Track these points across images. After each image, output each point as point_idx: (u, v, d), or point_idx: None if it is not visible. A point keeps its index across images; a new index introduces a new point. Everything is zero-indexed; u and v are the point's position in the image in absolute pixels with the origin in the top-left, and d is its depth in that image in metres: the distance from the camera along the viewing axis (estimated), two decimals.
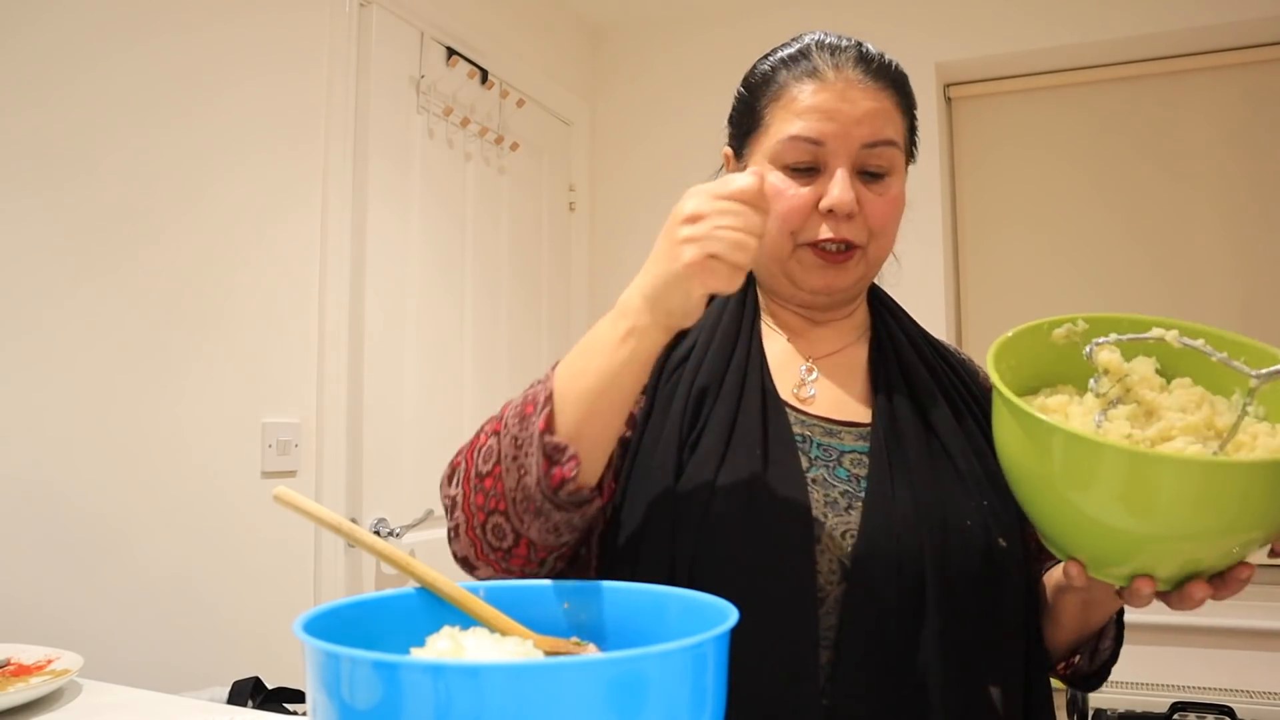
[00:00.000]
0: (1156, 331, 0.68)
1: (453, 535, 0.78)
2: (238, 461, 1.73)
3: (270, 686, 1.52)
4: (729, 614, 0.54)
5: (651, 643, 0.45)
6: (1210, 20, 2.43)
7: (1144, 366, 0.69)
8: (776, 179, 0.85)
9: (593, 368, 0.72)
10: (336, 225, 1.97)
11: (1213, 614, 2.34)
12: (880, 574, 0.77)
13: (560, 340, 2.84)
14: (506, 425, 0.75)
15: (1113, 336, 0.69)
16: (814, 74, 0.85)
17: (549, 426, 0.71)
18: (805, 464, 0.82)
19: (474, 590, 0.60)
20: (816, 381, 0.90)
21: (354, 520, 1.99)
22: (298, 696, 1.52)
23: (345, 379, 1.98)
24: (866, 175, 0.85)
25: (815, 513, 0.80)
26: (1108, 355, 0.68)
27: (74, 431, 1.45)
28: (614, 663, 0.43)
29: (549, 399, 0.72)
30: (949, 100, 2.76)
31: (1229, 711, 2.05)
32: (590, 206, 3.02)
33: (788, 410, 0.86)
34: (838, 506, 0.80)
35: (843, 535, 0.79)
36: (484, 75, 2.43)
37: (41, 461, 1.40)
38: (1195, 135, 2.53)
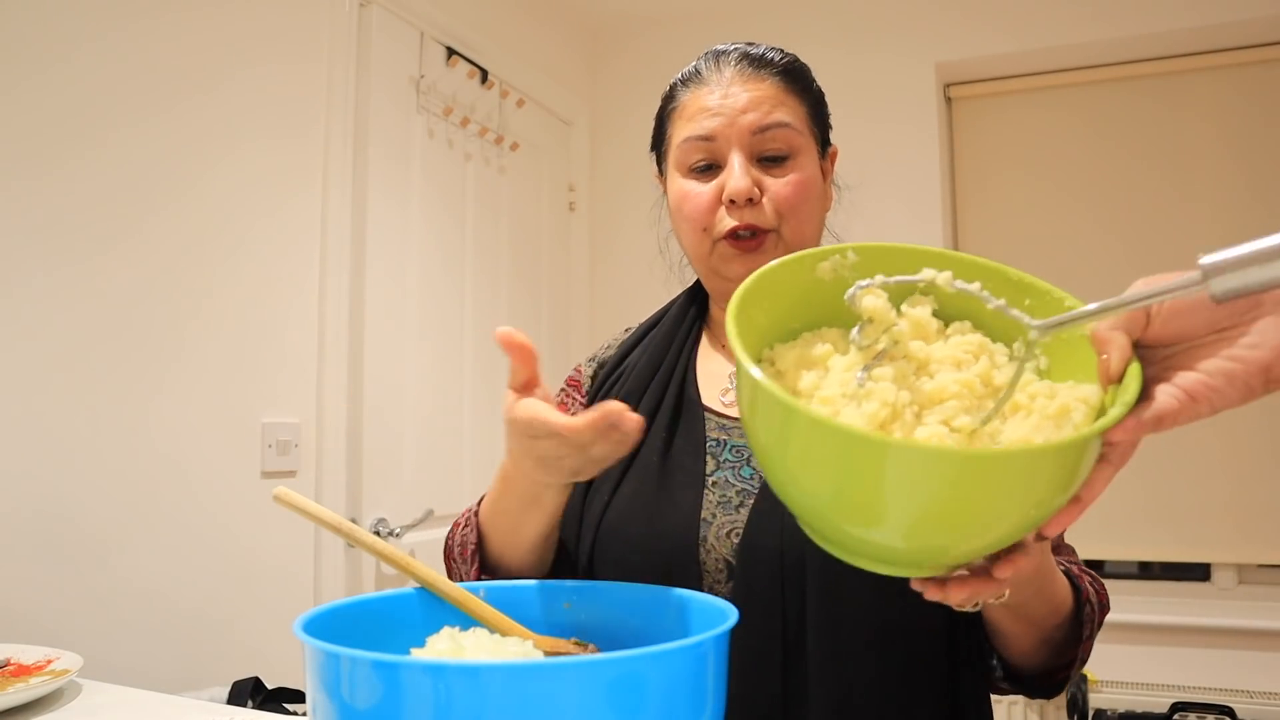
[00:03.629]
0: (927, 273, 0.56)
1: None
2: (237, 461, 1.73)
3: (270, 686, 1.52)
4: (729, 614, 0.54)
5: (652, 643, 0.45)
6: (1209, 20, 2.43)
7: (917, 311, 0.58)
8: (684, 183, 0.90)
9: (504, 519, 0.79)
10: (336, 224, 1.97)
11: (1213, 614, 2.35)
12: (762, 569, 0.77)
13: (560, 339, 2.84)
14: (454, 556, 0.85)
15: (879, 279, 0.57)
16: (699, 80, 0.90)
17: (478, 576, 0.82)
18: (711, 466, 0.85)
19: (474, 590, 0.60)
20: None
21: (354, 520, 1.99)
22: (298, 696, 1.52)
23: (345, 379, 1.98)
24: (766, 161, 0.87)
25: (704, 514, 0.81)
26: (872, 301, 0.56)
27: (73, 431, 1.45)
28: (614, 663, 0.43)
29: (475, 554, 0.82)
30: (949, 100, 2.76)
31: (1229, 711, 2.05)
32: (590, 206, 3.02)
33: (709, 415, 0.89)
34: (729, 505, 0.82)
35: (729, 534, 0.80)
36: (484, 75, 2.43)
37: (41, 462, 1.40)
38: (1194, 135, 2.53)
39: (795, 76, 0.91)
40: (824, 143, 0.94)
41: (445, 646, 0.51)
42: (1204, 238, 2.49)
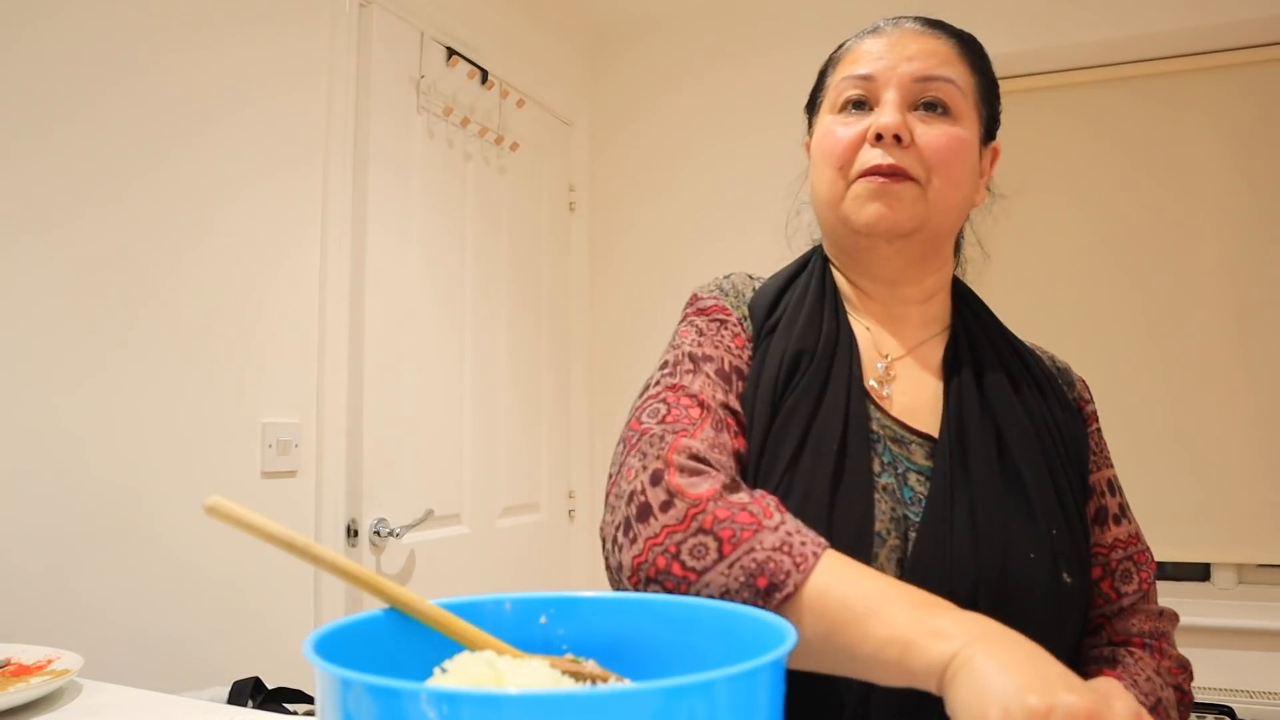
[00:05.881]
0: None
1: (630, 538, 0.70)
2: (237, 461, 1.73)
3: (270, 686, 1.52)
4: (744, 620, 0.51)
5: (641, 655, 0.43)
6: (1211, 20, 2.43)
7: None
8: (830, 120, 0.85)
9: (852, 629, 0.60)
10: (337, 225, 1.97)
11: (1213, 614, 2.34)
12: None
13: (559, 339, 2.83)
14: (732, 568, 0.64)
15: None
16: (873, 32, 0.87)
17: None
18: (877, 466, 0.77)
19: (450, 608, 0.53)
20: (894, 382, 0.85)
21: (354, 521, 1.99)
22: (298, 696, 1.52)
23: (345, 379, 1.98)
24: (924, 109, 0.82)
25: (878, 526, 0.74)
26: None
27: (74, 432, 1.45)
28: (675, 689, 0.37)
29: (784, 603, 0.62)
30: None
31: (1229, 711, 2.05)
32: (590, 206, 3.02)
33: (868, 401, 0.81)
34: (900, 526, 0.75)
35: (898, 562, 0.73)
36: (484, 75, 2.43)
37: (41, 461, 1.40)
38: (1195, 136, 2.53)
39: (972, 48, 0.87)
40: (988, 130, 0.89)
41: (479, 670, 0.45)
42: (1203, 239, 2.50)
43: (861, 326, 0.88)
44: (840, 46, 0.91)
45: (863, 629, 0.59)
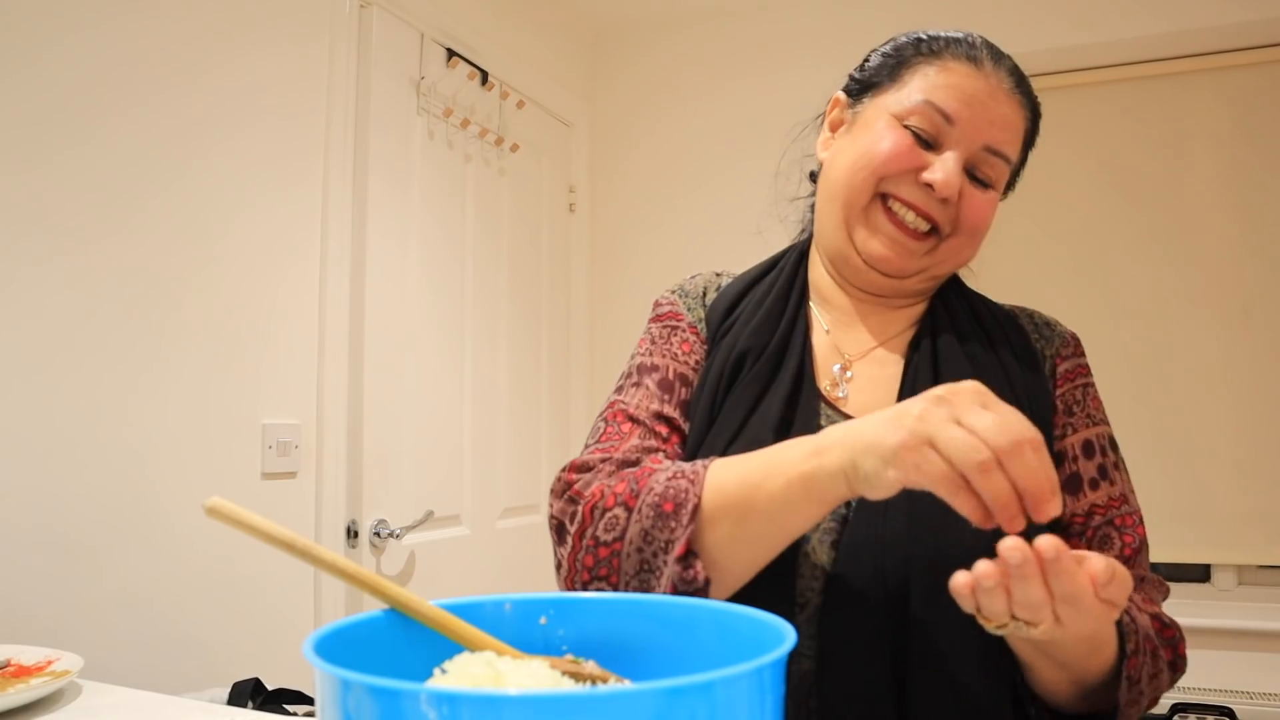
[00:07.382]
0: None
1: (556, 565, 0.77)
2: (238, 463, 1.73)
3: (270, 687, 1.52)
4: (742, 620, 0.52)
5: (642, 656, 0.43)
6: (1217, 21, 2.43)
7: None
8: (891, 126, 0.83)
9: (757, 495, 0.66)
10: (337, 224, 1.97)
11: (1213, 615, 2.35)
12: (861, 588, 0.73)
13: (559, 341, 2.84)
14: (640, 511, 0.70)
15: None
16: (973, 59, 0.84)
17: (689, 548, 0.67)
18: None
19: (450, 609, 0.53)
20: (851, 381, 0.86)
21: (354, 522, 1.99)
22: (298, 697, 1.52)
23: (345, 380, 1.98)
24: (972, 178, 0.83)
25: None
26: None
27: (74, 432, 1.45)
28: (666, 691, 0.37)
29: (694, 514, 0.68)
30: None
31: (1229, 712, 2.05)
32: (590, 207, 3.02)
33: (820, 401, 0.83)
34: (836, 511, 0.76)
35: (832, 544, 0.76)
36: (484, 76, 2.44)
37: (41, 462, 1.40)
38: (1201, 136, 2.53)
39: (1036, 124, 0.88)
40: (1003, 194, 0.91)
41: (479, 671, 0.46)
42: (1210, 239, 2.50)
43: (821, 328, 0.90)
44: (930, 45, 0.86)
45: (766, 493, 0.66)
